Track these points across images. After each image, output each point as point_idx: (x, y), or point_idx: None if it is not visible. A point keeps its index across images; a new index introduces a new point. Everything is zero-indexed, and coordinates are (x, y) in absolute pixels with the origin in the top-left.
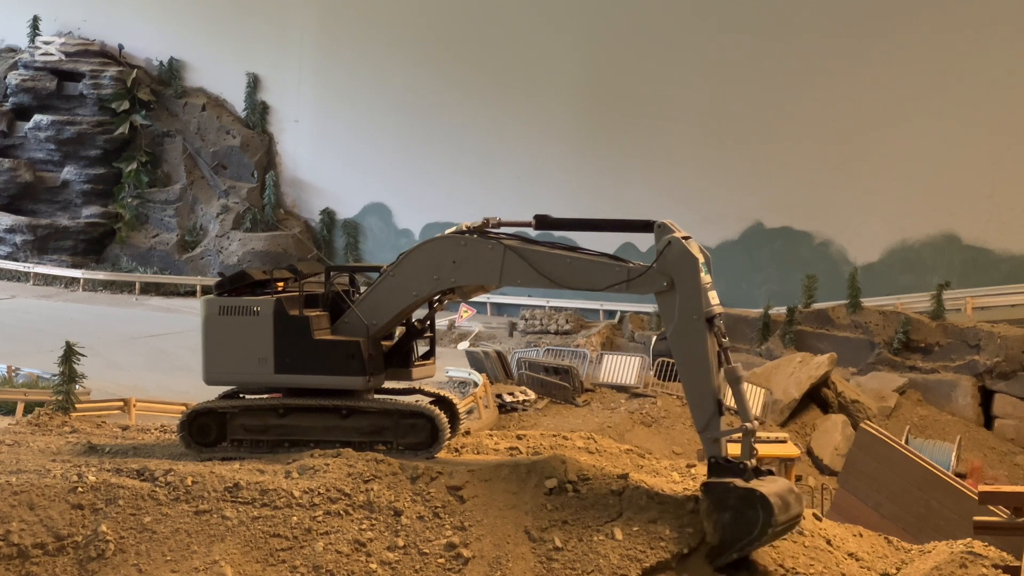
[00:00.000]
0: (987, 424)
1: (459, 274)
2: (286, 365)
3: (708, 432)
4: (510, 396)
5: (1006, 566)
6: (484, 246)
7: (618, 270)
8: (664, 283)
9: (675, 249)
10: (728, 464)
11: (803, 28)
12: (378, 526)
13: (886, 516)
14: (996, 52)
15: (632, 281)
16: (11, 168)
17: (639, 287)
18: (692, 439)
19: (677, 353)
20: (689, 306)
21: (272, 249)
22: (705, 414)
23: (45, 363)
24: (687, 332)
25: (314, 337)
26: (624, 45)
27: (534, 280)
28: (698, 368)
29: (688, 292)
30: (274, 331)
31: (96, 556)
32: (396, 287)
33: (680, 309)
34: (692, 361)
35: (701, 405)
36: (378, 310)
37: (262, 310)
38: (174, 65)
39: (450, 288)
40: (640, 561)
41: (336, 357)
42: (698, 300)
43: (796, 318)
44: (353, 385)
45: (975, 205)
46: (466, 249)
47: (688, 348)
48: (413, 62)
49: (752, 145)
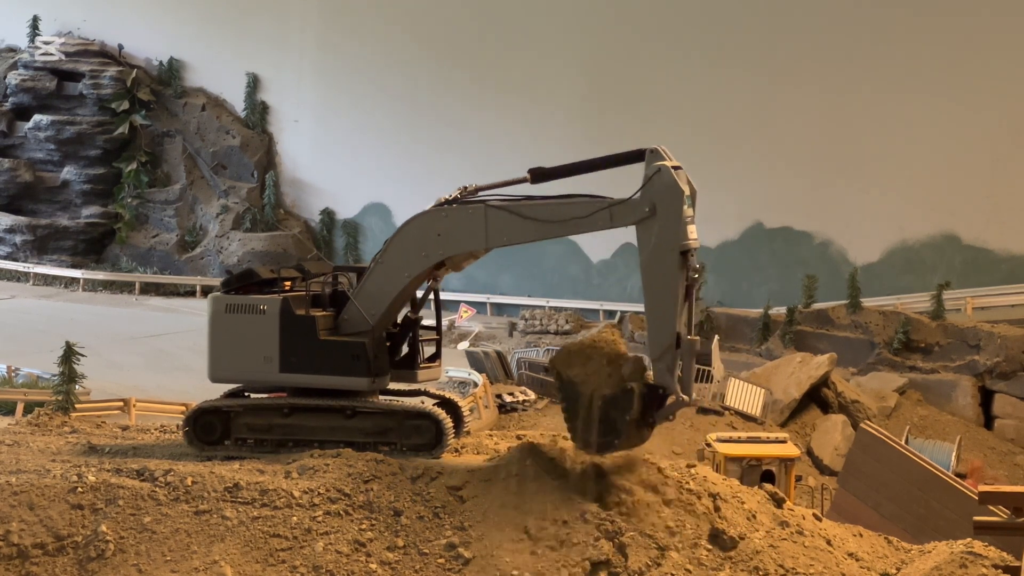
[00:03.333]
0: (987, 424)
1: (446, 245)
2: (291, 364)
3: (661, 362)
4: (510, 396)
5: (1006, 566)
6: (465, 211)
7: (600, 202)
8: (646, 209)
9: (663, 177)
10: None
11: (803, 28)
12: (378, 526)
13: (886, 516)
14: (996, 52)
15: (616, 209)
16: (11, 168)
17: (622, 215)
18: (692, 439)
19: (646, 282)
20: (667, 236)
21: (272, 249)
22: (661, 345)
23: (45, 363)
24: (660, 262)
25: (320, 337)
26: (624, 45)
27: (521, 231)
28: (664, 300)
29: (668, 222)
30: (280, 330)
31: (96, 556)
32: (388, 271)
33: (657, 238)
34: (659, 292)
35: (659, 335)
36: (375, 299)
37: (268, 309)
38: (174, 65)
39: (440, 263)
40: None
41: (341, 357)
42: (676, 231)
43: (796, 318)
44: (357, 386)
45: (975, 205)
46: (448, 219)
47: (658, 279)
48: (413, 62)
49: (752, 145)
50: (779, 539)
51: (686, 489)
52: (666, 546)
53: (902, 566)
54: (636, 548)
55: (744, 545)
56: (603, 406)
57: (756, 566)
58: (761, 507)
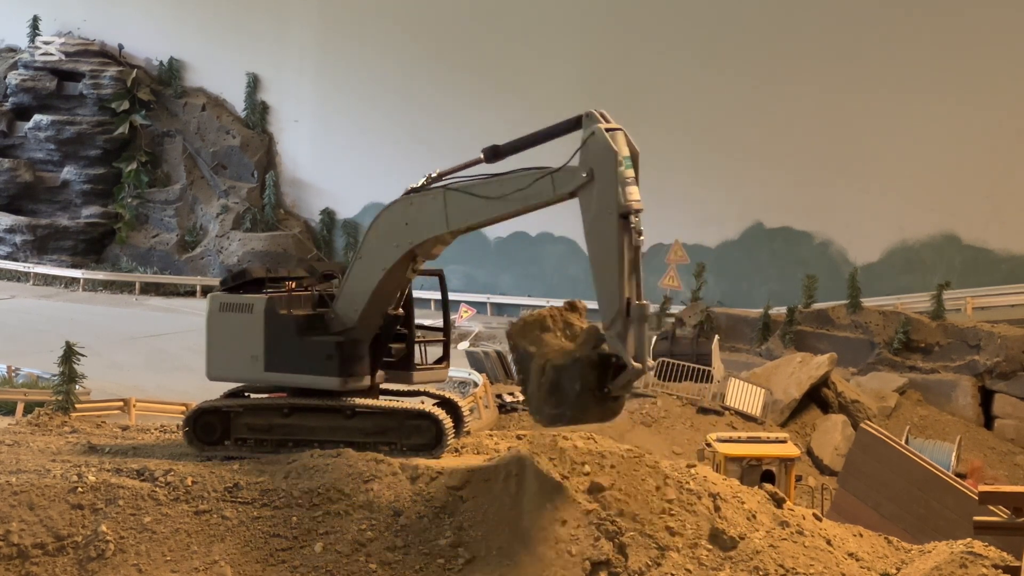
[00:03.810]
0: (987, 424)
1: (413, 233)
2: (274, 363)
3: (612, 330)
4: (510, 396)
5: (1006, 566)
6: (427, 197)
7: (541, 171)
8: (584, 175)
9: (597, 140)
10: (621, 366)
11: (803, 28)
12: (378, 526)
13: (886, 516)
14: (996, 52)
15: (557, 176)
16: (11, 168)
17: (563, 182)
18: (692, 439)
19: (591, 249)
20: (605, 200)
21: (272, 249)
22: (611, 313)
23: (45, 363)
24: (601, 227)
25: (298, 336)
26: (623, 45)
27: (476, 210)
28: (608, 265)
29: (605, 185)
30: (264, 329)
31: (96, 556)
32: (364, 266)
33: (596, 203)
34: (604, 258)
35: (608, 303)
36: (356, 296)
37: (255, 308)
38: (174, 65)
39: (411, 253)
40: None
41: (315, 357)
42: (614, 194)
43: (796, 318)
44: (329, 385)
45: (975, 205)
46: (413, 207)
47: (601, 244)
48: (413, 62)
49: (752, 145)
50: (779, 539)
51: (686, 489)
52: (666, 546)
53: (902, 566)
54: (636, 548)
55: (744, 545)
56: (554, 376)
57: (756, 566)
58: (761, 507)
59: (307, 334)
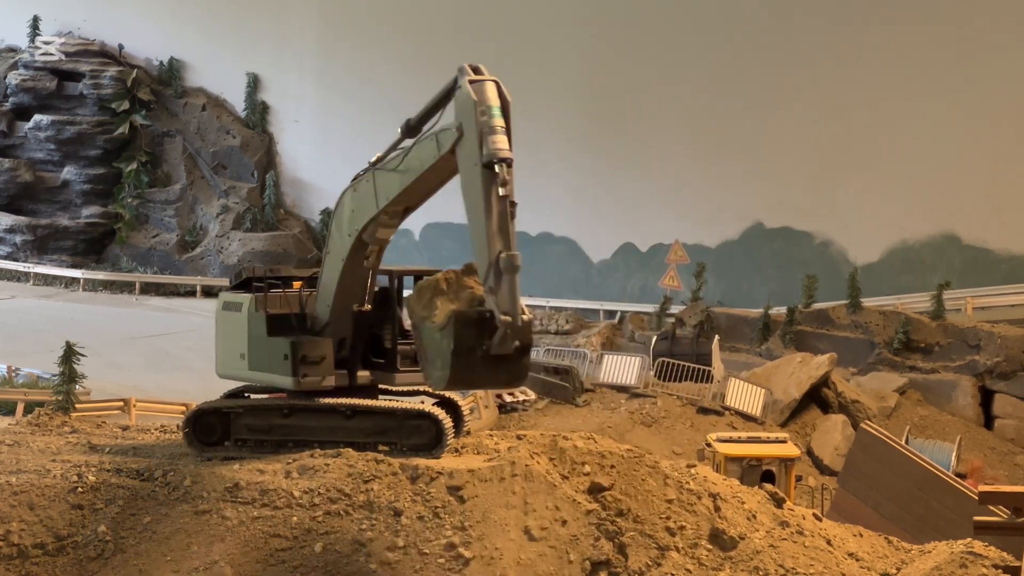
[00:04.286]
0: (987, 424)
1: (357, 219)
2: (255, 362)
3: (486, 284)
4: (510, 396)
5: (1006, 566)
6: (363, 180)
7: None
8: (454, 131)
9: (460, 93)
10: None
11: (803, 28)
12: (378, 526)
13: (886, 516)
14: (997, 52)
15: (440, 135)
16: (11, 168)
17: (445, 140)
18: (692, 440)
19: (465, 204)
20: (469, 151)
21: (272, 249)
22: (483, 266)
23: (45, 363)
24: (468, 178)
25: (267, 335)
26: (624, 45)
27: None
28: (476, 218)
29: (469, 135)
30: (248, 328)
31: (96, 556)
32: (330, 261)
33: (462, 155)
34: (473, 210)
35: (480, 257)
36: (325, 292)
37: (244, 307)
38: (174, 65)
39: (360, 241)
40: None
41: (274, 356)
42: (475, 145)
43: (796, 318)
44: (285, 384)
45: (975, 205)
46: (357, 193)
47: (469, 196)
48: (413, 62)
49: (752, 145)
50: (779, 539)
51: (686, 489)
52: (666, 546)
53: (902, 566)
54: (636, 548)
55: (744, 545)
56: (437, 338)
57: (756, 566)
58: (761, 507)
59: (274, 333)
